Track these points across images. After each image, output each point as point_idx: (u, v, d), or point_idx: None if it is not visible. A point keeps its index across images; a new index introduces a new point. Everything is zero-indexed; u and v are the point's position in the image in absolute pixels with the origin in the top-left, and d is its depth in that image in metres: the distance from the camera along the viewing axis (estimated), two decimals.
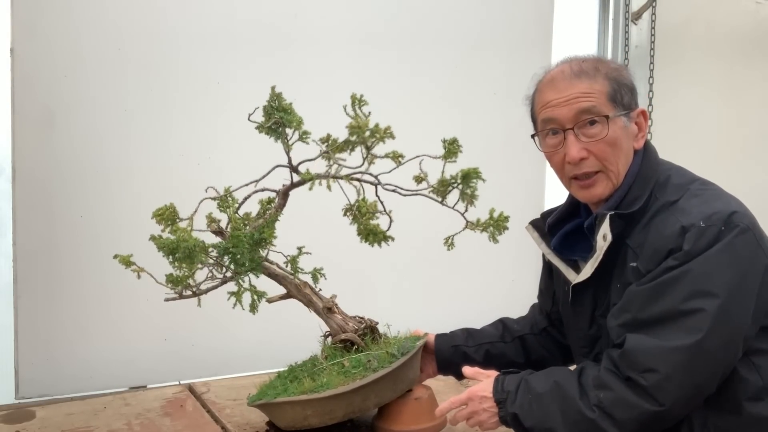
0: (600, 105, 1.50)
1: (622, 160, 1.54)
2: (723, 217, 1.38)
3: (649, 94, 3.86)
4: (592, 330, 1.58)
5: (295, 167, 1.95)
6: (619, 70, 1.56)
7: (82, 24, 2.58)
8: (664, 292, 1.36)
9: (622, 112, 1.52)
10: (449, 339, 1.98)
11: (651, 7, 3.81)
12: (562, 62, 1.60)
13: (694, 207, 1.42)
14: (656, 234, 1.43)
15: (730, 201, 1.45)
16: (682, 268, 1.36)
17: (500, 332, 1.97)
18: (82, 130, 2.61)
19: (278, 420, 1.94)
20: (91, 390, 2.53)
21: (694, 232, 1.37)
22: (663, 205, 1.47)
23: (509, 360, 1.93)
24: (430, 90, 3.21)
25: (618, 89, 1.52)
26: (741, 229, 1.38)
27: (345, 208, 2.02)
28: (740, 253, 1.37)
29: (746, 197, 1.51)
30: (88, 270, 2.56)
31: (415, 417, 2.00)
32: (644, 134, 1.57)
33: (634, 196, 1.51)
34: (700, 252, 1.36)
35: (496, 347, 1.95)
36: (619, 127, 1.52)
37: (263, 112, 1.89)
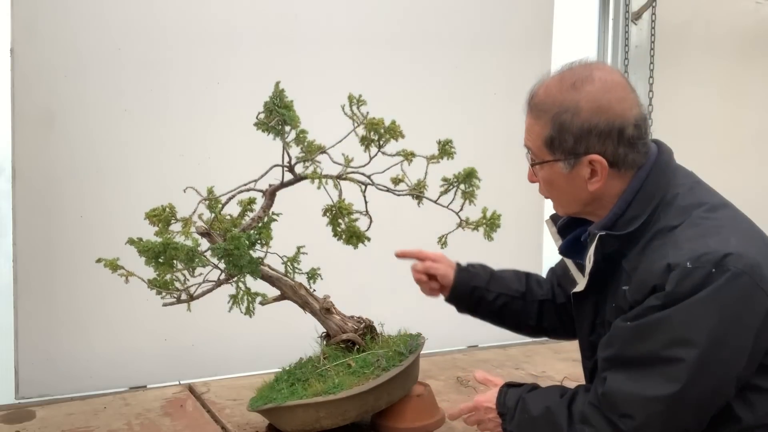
0: (534, 147, 1.47)
1: (564, 198, 1.50)
2: (714, 259, 1.27)
3: (649, 94, 3.86)
4: (593, 336, 1.56)
5: (291, 167, 1.95)
6: (575, 111, 1.38)
7: (81, 24, 2.58)
8: (645, 335, 1.31)
9: (559, 158, 1.42)
10: (471, 278, 1.92)
11: (651, 7, 3.81)
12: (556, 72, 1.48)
13: (687, 242, 1.32)
14: (647, 264, 1.36)
15: (730, 238, 1.32)
16: (664, 312, 1.29)
17: (523, 289, 1.91)
18: (82, 130, 2.61)
19: (286, 423, 1.93)
20: (91, 390, 2.53)
21: (678, 272, 1.28)
22: (662, 229, 1.39)
23: (521, 320, 1.92)
24: (431, 90, 3.21)
25: (558, 136, 1.40)
26: (733, 274, 1.26)
27: (325, 208, 2.04)
28: (729, 300, 1.27)
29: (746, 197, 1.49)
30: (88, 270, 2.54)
31: (417, 414, 2.01)
32: (601, 179, 1.42)
33: (632, 215, 1.42)
34: (683, 296, 1.27)
35: (515, 303, 1.91)
36: (556, 171, 1.45)
37: (264, 108, 1.89)
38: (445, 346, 3.03)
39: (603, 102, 1.38)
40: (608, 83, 1.40)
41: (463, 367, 2.76)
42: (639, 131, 1.41)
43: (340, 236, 2.04)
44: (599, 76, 1.40)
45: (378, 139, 1.92)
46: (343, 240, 2.03)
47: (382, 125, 1.90)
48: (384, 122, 1.90)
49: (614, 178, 1.43)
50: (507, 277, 1.94)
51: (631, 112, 1.40)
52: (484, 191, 1.99)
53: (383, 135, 1.91)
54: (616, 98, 1.39)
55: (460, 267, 1.94)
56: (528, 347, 3.07)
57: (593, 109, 1.38)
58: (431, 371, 2.66)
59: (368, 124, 1.90)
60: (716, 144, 4.18)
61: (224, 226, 1.92)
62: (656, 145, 1.50)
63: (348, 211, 2.04)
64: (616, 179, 1.43)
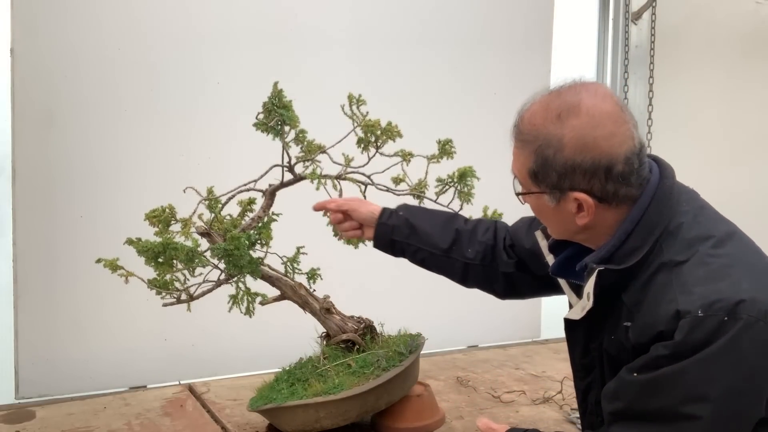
0: (519, 176, 1.39)
1: (554, 226, 1.44)
2: (726, 307, 1.19)
3: (649, 94, 3.86)
4: (586, 360, 1.50)
5: (291, 167, 1.95)
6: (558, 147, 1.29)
7: (82, 24, 2.58)
8: (657, 390, 1.24)
9: (545, 191, 1.34)
10: (390, 230, 1.83)
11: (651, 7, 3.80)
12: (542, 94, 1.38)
13: (697, 284, 1.23)
14: (652, 304, 1.28)
15: (741, 281, 1.23)
16: (676, 366, 1.21)
17: (447, 244, 1.79)
18: (82, 130, 2.61)
19: (286, 424, 1.93)
20: (91, 390, 2.54)
21: (689, 321, 1.21)
22: (666, 263, 1.29)
23: (446, 274, 1.85)
24: (430, 90, 3.21)
25: (541, 169, 1.32)
26: (747, 323, 1.19)
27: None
28: (745, 352, 1.20)
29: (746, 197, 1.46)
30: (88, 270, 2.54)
31: (418, 414, 2.01)
32: (588, 215, 1.33)
33: (632, 246, 1.32)
34: (694, 347, 1.20)
35: (436, 259, 1.81)
36: (542, 203, 1.37)
37: (263, 108, 1.89)
38: (445, 346, 3.04)
39: (588, 140, 1.27)
40: (596, 117, 1.28)
41: (463, 367, 2.76)
42: (631, 166, 1.29)
43: (340, 236, 2.04)
44: (587, 106, 1.29)
45: (375, 140, 1.92)
46: (343, 240, 2.03)
47: (378, 127, 1.90)
48: (380, 123, 1.90)
49: (606, 211, 1.34)
50: (431, 231, 1.81)
51: (621, 148, 1.28)
52: (485, 190, 1.99)
53: (380, 136, 1.91)
54: (603, 135, 1.27)
55: (380, 219, 1.85)
56: (528, 347, 3.08)
57: (577, 147, 1.28)
58: (431, 371, 2.66)
59: (365, 126, 1.90)
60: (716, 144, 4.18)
61: (224, 226, 1.92)
62: (657, 165, 1.39)
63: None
64: (608, 211, 1.34)
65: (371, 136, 1.91)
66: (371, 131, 1.90)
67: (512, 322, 3.24)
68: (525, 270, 1.78)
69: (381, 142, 1.92)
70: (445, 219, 1.85)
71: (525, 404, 2.32)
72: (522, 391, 2.44)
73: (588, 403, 1.53)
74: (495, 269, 1.79)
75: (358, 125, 1.92)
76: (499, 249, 1.80)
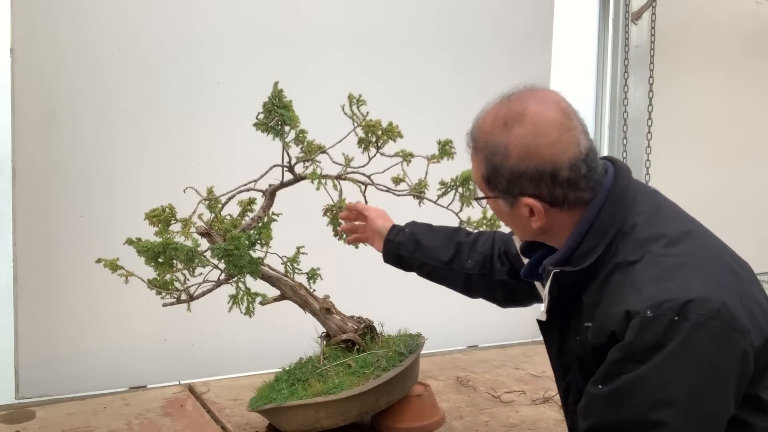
0: (477, 181, 1.43)
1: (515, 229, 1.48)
2: (675, 306, 1.19)
3: (649, 94, 3.86)
4: (563, 360, 1.51)
5: (291, 167, 1.95)
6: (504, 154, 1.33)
7: (82, 24, 2.58)
8: (622, 400, 1.24)
9: (499, 195, 1.38)
10: (396, 246, 1.92)
11: (651, 7, 3.81)
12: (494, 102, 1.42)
13: (647, 284, 1.24)
14: (606, 307, 1.29)
15: (692, 280, 1.24)
16: (637, 373, 1.21)
17: (449, 257, 1.87)
18: (82, 130, 2.61)
19: (286, 423, 1.93)
20: (91, 390, 2.54)
21: (638, 321, 1.21)
22: (620, 263, 1.31)
23: (451, 285, 1.92)
24: (430, 90, 3.21)
25: (492, 175, 1.36)
26: (698, 322, 1.18)
27: (325, 208, 2.04)
28: (701, 351, 1.19)
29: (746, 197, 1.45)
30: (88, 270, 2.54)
31: (418, 414, 2.01)
32: (540, 219, 1.37)
33: (587, 249, 1.34)
34: (646, 348, 1.20)
35: (440, 272, 1.90)
36: (498, 207, 1.42)
37: (263, 108, 1.89)
38: (445, 346, 3.04)
39: (531, 148, 1.31)
40: (539, 125, 1.31)
41: (463, 367, 2.77)
42: (577, 172, 1.31)
43: (340, 236, 2.04)
44: (532, 114, 1.32)
45: (376, 140, 1.92)
46: (343, 240, 2.03)
47: (379, 127, 1.90)
48: (381, 123, 1.91)
49: (560, 214, 1.37)
50: (435, 245, 1.89)
51: (565, 154, 1.30)
52: None
53: (381, 136, 1.91)
54: (546, 143, 1.30)
55: (389, 235, 1.93)
56: (528, 347, 3.08)
57: (521, 155, 1.31)
58: (431, 371, 2.66)
59: (365, 126, 1.90)
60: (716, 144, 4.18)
61: (224, 226, 1.93)
62: (612, 166, 1.41)
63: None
64: (562, 214, 1.37)
65: (372, 137, 1.91)
66: (372, 131, 1.90)
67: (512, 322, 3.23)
68: (518, 277, 1.78)
69: (382, 143, 1.93)
70: (448, 233, 1.92)
71: (525, 404, 2.32)
72: (522, 391, 2.44)
73: (569, 403, 1.54)
74: (493, 278, 1.83)
75: (358, 125, 1.92)
76: (495, 258, 1.84)
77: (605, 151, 3.98)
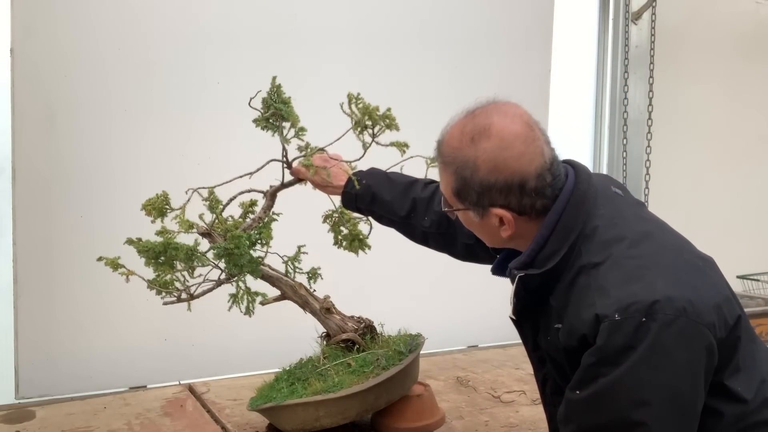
0: (447, 194, 1.46)
1: (485, 238, 1.50)
2: (642, 308, 1.23)
3: (649, 94, 3.86)
4: (538, 353, 1.54)
5: (289, 163, 1.95)
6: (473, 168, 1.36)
7: (81, 24, 2.58)
8: (600, 404, 1.27)
9: (469, 207, 1.42)
10: (353, 198, 1.92)
11: (651, 7, 3.81)
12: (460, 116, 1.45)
13: (613, 288, 1.28)
14: (575, 308, 1.32)
15: (656, 281, 1.27)
16: (612, 377, 1.24)
17: (405, 212, 1.87)
18: (82, 130, 2.61)
19: (286, 423, 1.93)
20: (91, 390, 2.53)
21: (607, 325, 1.24)
22: (585, 265, 1.34)
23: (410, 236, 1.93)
24: (431, 90, 3.21)
25: (462, 188, 1.39)
26: (665, 322, 1.22)
27: (325, 215, 2.04)
28: (671, 350, 1.23)
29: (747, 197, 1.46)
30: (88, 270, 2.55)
31: (418, 414, 2.01)
32: (509, 228, 1.40)
33: (550, 250, 1.38)
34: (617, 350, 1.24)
35: (398, 224, 1.91)
36: (469, 218, 1.45)
37: (262, 104, 1.89)
38: (445, 346, 3.04)
39: (499, 161, 1.34)
40: (505, 139, 1.35)
41: (463, 367, 2.76)
42: (543, 181, 1.36)
43: (340, 244, 2.04)
44: (497, 128, 1.36)
45: (372, 125, 1.91)
46: (344, 246, 2.04)
47: (377, 111, 1.90)
48: (379, 109, 1.90)
49: (528, 222, 1.41)
50: (390, 198, 1.89)
51: (531, 165, 1.35)
52: None
53: (378, 121, 1.90)
54: (512, 155, 1.34)
55: (345, 187, 1.92)
56: None
57: (490, 169, 1.35)
58: (431, 371, 2.66)
59: (363, 108, 1.90)
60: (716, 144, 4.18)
61: (225, 227, 1.92)
62: (573, 170, 1.45)
63: (349, 216, 2.05)
64: (530, 222, 1.41)
65: (368, 120, 1.91)
66: (369, 114, 1.90)
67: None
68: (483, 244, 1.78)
69: (378, 130, 1.92)
70: (404, 186, 1.90)
71: (525, 404, 2.32)
72: (522, 391, 2.44)
73: (546, 394, 1.57)
74: (452, 236, 1.83)
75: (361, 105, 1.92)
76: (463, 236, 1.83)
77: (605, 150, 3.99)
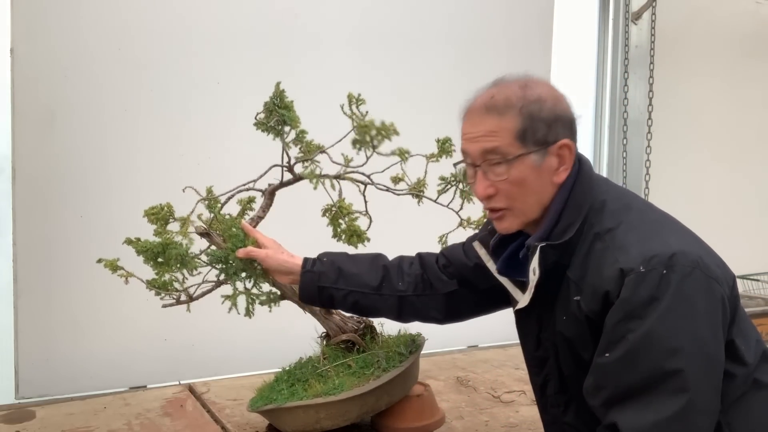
0: (504, 145, 1.42)
1: (530, 198, 1.46)
2: (663, 260, 1.30)
3: (649, 94, 3.87)
4: (539, 352, 1.54)
5: (290, 166, 1.95)
6: (540, 102, 1.41)
7: (82, 24, 2.58)
8: (635, 360, 1.29)
9: (532, 150, 1.41)
10: (316, 278, 1.80)
11: (651, 7, 3.81)
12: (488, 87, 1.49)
13: (633, 245, 1.34)
14: (595, 271, 1.37)
15: (669, 238, 1.36)
16: (642, 330, 1.28)
17: (378, 282, 1.81)
18: (82, 130, 2.61)
19: (286, 424, 1.93)
20: (91, 390, 2.53)
21: (633, 277, 1.30)
22: (599, 233, 1.40)
23: (380, 313, 1.85)
24: (431, 89, 3.21)
25: (530, 125, 1.40)
26: (684, 272, 1.29)
27: (324, 208, 2.04)
28: (693, 298, 1.29)
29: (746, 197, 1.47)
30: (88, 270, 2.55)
31: (418, 414, 2.01)
32: (567, 166, 1.45)
33: (565, 224, 1.43)
34: (643, 302, 1.28)
35: (368, 299, 1.81)
36: (527, 166, 1.43)
37: (264, 108, 1.89)
38: (445, 346, 3.03)
39: (557, 95, 1.44)
40: (548, 84, 1.47)
41: (463, 367, 2.76)
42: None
43: (339, 236, 2.04)
44: (534, 79, 1.45)
45: (371, 140, 1.91)
46: (343, 240, 2.03)
47: (372, 126, 1.88)
48: (374, 123, 1.89)
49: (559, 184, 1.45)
50: (359, 271, 1.82)
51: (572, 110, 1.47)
52: None
53: (375, 136, 1.89)
54: (561, 96, 1.46)
55: (304, 268, 1.82)
56: None
57: (554, 99, 1.43)
58: (431, 371, 2.66)
59: (359, 128, 1.88)
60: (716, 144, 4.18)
61: (223, 226, 1.92)
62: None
63: (348, 210, 2.04)
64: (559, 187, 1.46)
65: (366, 137, 1.90)
66: (365, 132, 1.89)
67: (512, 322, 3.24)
68: (468, 286, 1.81)
69: (377, 142, 1.91)
70: (370, 259, 1.87)
71: (525, 404, 2.31)
72: (522, 391, 2.43)
73: (547, 396, 1.56)
74: (432, 295, 1.82)
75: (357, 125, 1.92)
76: (434, 274, 1.84)
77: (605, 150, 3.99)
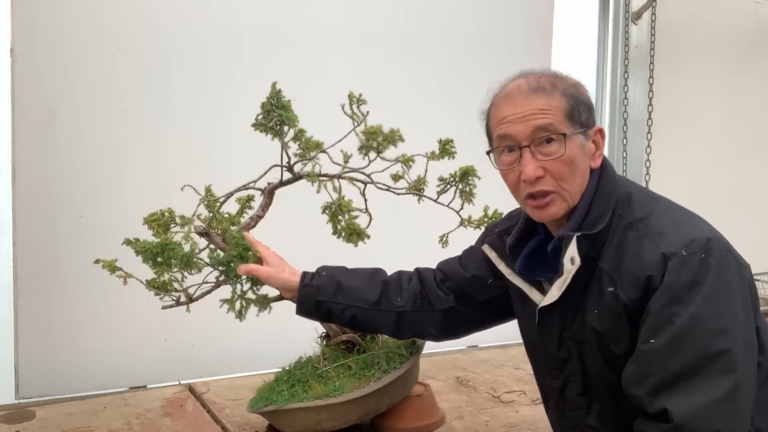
0: (557, 122, 1.42)
1: (578, 179, 1.46)
2: (701, 245, 1.33)
3: (649, 94, 3.86)
4: (561, 352, 1.52)
5: (290, 166, 1.95)
6: (577, 86, 1.47)
7: (81, 24, 2.58)
8: (683, 343, 1.29)
9: (580, 130, 1.44)
10: (314, 292, 1.78)
11: (651, 7, 3.81)
12: (518, 76, 1.51)
13: (671, 231, 1.37)
14: (633, 259, 1.37)
15: (699, 225, 1.40)
16: (689, 313, 1.29)
17: (377, 297, 1.78)
18: (82, 130, 2.61)
19: (287, 425, 1.93)
20: (91, 390, 2.53)
21: (676, 261, 1.32)
22: (630, 223, 1.41)
23: (378, 328, 1.84)
24: (431, 90, 3.21)
25: (576, 106, 1.44)
26: (719, 257, 1.33)
27: (324, 205, 2.03)
28: (730, 281, 1.32)
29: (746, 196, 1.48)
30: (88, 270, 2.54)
31: (418, 414, 2.01)
32: (601, 152, 1.49)
33: (596, 215, 1.43)
34: (688, 285, 1.30)
35: (366, 314, 1.78)
36: (576, 145, 1.44)
37: (262, 109, 1.89)
38: (445, 346, 3.03)
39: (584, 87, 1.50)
40: None
41: (463, 367, 2.76)
42: None
43: (339, 234, 2.03)
44: None
45: (377, 146, 1.90)
46: (343, 238, 2.02)
47: (380, 133, 1.87)
48: (382, 129, 1.88)
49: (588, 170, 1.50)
50: (358, 285, 1.80)
51: None
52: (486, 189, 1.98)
53: (382, 143, 1.89)
54: None
55: (303, 281, 1.79)
56: None
57: (583, 90, 1.48)
58: (431, 371, 2.66)
59: (366, 132, 1.88)
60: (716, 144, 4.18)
61: (223, 226, 1.92)
62: None
63: (348, 208, 2.03)
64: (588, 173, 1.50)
65: (373, 143, 1.89)
66: (373, 138, 1.88)
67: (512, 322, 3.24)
68: (466, 301, 1.79)
69: (383, 148, 1.91)
70: (369, 273, 1.85)
71: (525, 404, 2.32)
72: (522, 391, 2.44)
73: (567, 399, 1.54)
74: (430, 311, 1.80)
75: (359, 124, 1.91)
76: (432, 290, 1.81)
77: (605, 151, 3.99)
